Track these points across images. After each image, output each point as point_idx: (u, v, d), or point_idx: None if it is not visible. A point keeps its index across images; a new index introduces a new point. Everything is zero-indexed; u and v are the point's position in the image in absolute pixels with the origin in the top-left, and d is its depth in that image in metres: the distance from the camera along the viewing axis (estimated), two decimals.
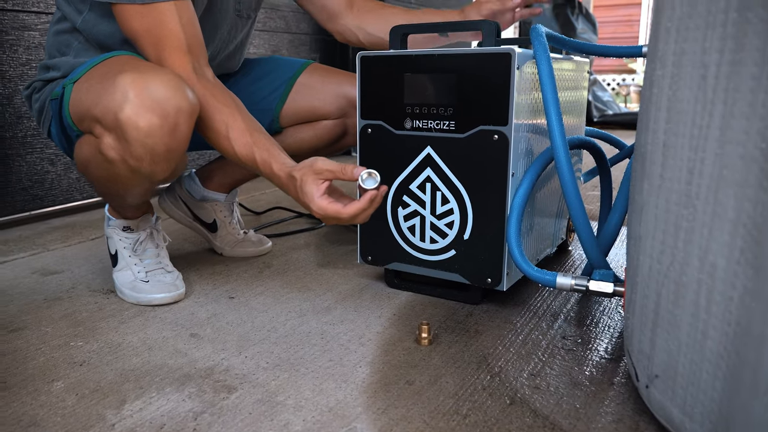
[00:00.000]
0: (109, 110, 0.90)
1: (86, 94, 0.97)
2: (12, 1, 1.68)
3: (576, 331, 1.00)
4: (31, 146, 1.77)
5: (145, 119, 0.89)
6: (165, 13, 0.97)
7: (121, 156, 0.93)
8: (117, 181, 1.01)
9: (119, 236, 1.18)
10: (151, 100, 0.89)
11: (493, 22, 1.01)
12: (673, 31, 0.64)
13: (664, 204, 0.65)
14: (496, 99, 0.97)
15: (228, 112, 0.98)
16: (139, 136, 0.89)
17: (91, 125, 0.96)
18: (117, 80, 0.90)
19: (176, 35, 0.98)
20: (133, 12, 0.97)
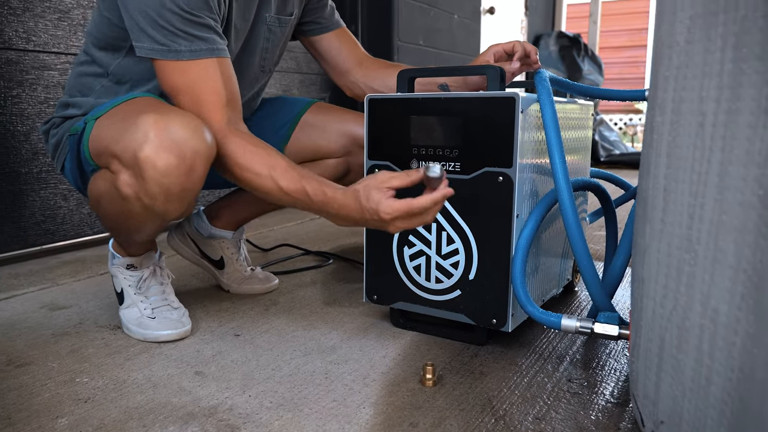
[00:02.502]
0: (128, 148, 0.93)
1: (107, 130, 1.00)
2: (34, 42, 1.74)
3: (582, 374, 0.99)
4: (45, 182, 1.81)
5: (163, 159, 0.91)
6: (207, 69, 1.00)
7: (136, 193, 0.95)
8: (129, 217, 1.03)
9: (123, 274, 1.19)
10: (170, 140, 0.92)
11: (498, 67, 1.04)
12: (671, 79, 0.66)
13: (666, 248, 0.65)
14: (501, 142, 0.99)
15: (266, 154, 0.99)
16: (156, 176, 0.92)
17: (108, 161, 0.99)
18: (139, 119, 0.93)
19: (217, 91, 1.00)
20: (176, 68, 0.98)
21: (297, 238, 2.01)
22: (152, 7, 0.95)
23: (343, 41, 1.38)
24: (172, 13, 0.95)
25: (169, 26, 0.95)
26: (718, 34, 0.58)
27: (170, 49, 0.97)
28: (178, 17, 0.95)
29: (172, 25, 0.95)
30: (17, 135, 1.73)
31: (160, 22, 0.95)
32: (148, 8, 0.95)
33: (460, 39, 3.71)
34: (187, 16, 0.96)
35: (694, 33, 0.61)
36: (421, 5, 3.26)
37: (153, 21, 0.95)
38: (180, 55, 0.97)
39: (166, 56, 0.97)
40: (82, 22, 1.85)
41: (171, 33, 0.96)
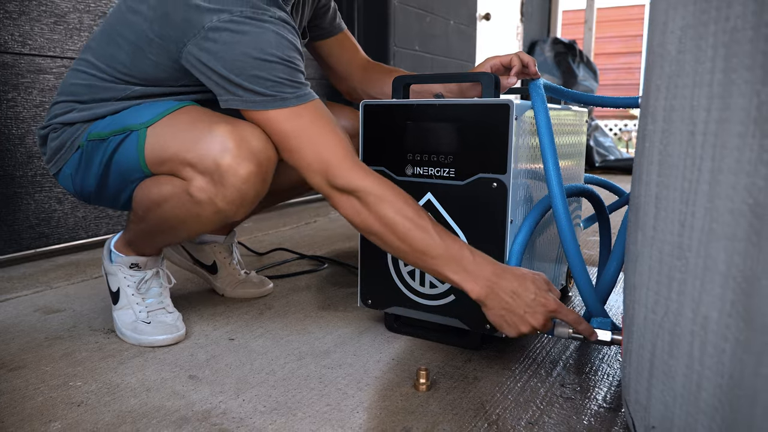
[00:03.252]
0: (206, 156, 0.97)
1: (172, 139, 1.01)
2: (29, 45, 1.74)
3: (575, 379, 0.99)
4: (40, 185, 1.81)
5: (245, 167, 0.98)
6: (317, 111, 0.99)
7: (210, 198, 0.99)
8: (192, 219, 1.04)
9: (125, 273, 1.18)
10: (248, 150, 0.98)
11: (493, 75, 1.05)
12: (663, 88, 0.67)
13: (658, 255, 0.66)
14: (495, 148, 0.99)
15: (416, 205, 0.96)
16: (237, 182, 0.98)
17: (178, 168, 1.01)
18: (213, 129, 0.98)
19: (335, 131, 0.98)
20: (284, 115, 0.97)
21: (292, 242, 2.02)
22: (250, 63, 0.94)
23: (344, 46, 1.38)
24: (275, 64, 0.95)
25: (274, 77, 0.95)
26: (709, 45, 0.59)
27: (275, 99, 0.96)
28: (282, 67, 0.95)
29: (277, 76, 0.95)
30: (12, 138, 1.73)
31: (264, 75, 0.95)
32: (245, 65, 0.94)
33: (455, 45, 3.72)
34: (288, 65, 0.96)
35: (685, 43, 0.62)
36: (417, 11, 3.27)
37: (253, 76, 0.94)
38: (287, 103, 0.97)
39: (270, 106, 0.97)
40: (78, 26, 1.85)
41: (276, 83, 0.95)
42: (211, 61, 0.96)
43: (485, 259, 0.92)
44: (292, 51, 0.98)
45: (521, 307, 0.89)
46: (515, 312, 0.90)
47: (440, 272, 0.92)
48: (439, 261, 0.91)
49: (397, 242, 0.93)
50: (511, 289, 0.90)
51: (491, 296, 0.90)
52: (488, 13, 4.10)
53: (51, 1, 1.77)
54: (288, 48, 0.97)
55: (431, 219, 0.94)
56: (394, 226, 0.93)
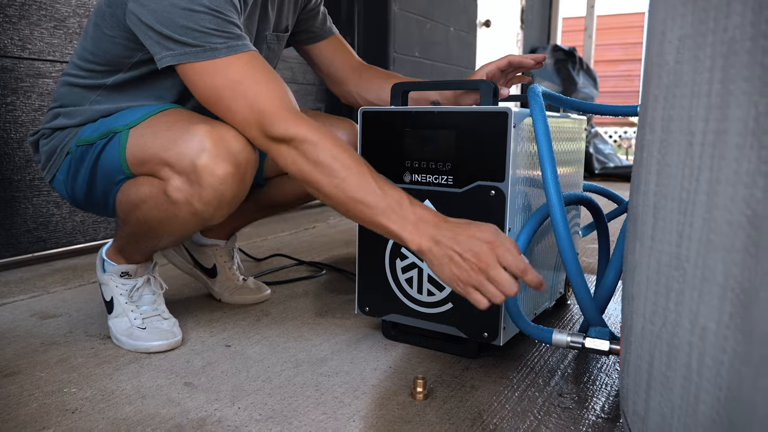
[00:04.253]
0: (184, 156, 0.96)
1: (152, 139, 1.01)
2: (29, 50, 1.74)
3: (573, 389, 0.99)
4: (38, 189, 1.80)
5: (222, 168, 0.96)
6: (252, 62, 0.95)
7: (187, 198, 0.98)
8: (170, 221, 1.03)
9: (116, 282, 1.18)
10: (226, 150, 0.96)
11: (491, 82, 1.05)
12: (661, 98, 0.66)
13: (656, 265, 0.66)
14: (494, 156, 0.99)
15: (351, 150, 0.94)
16: (214, 183, 0.97)
17: (156, 168, 1.00)
18: (192, 129, 0.97)
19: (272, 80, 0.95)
20: (214, 67, 0.94)
21: (290, 248, 2.01)
22: (178, 13, 0.92)
23: (336, 49, 1.38)
24: (202, 14, 0.92)
25: (202, 27, 0.92)
26: (707, 55, 0.59)
27: (204, 49, 0.93)
28: (209, 17, 0.93)
29: (203, 26, 0.92)
30: (10, 142, 1.72)
31: (191, 24, 0.92)
32: (173, 15, 0.92)
33: (455, 51, 3.73)
34: (218, 15, 0.93)
35: (683, 53, 0.62)
36: (417, 17, 3.28)
37: (181, 26, 0.92)
38: (217, 53, 0.93)
39: (200, 57, 0.93)
40: (78, 30, 1.85)
41: (204, 34, 0.92)
42: (145, 15, 0.94)
43: (426, 209, 0.88)
44: (223, 2, 0.94)
45: (462, 251, 0.81)
46: (456, 257, 0.82)
47: (378, 222, 0.87)
48: (377, 210, 0.87)
49: (334, 190, 0.89)
50: (450, 234, 0.83)
51: (432, 246, 0.84)
52: (488, 20, 4.11)
53: (51, 6, 1.78)
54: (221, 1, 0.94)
55: (370, 167, 0.90)
56: (330, 173, 0.89)
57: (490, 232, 0.83)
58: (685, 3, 0.64)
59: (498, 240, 0.82)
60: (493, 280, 0.81)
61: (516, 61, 1.12)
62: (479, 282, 0.81)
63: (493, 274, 0.80)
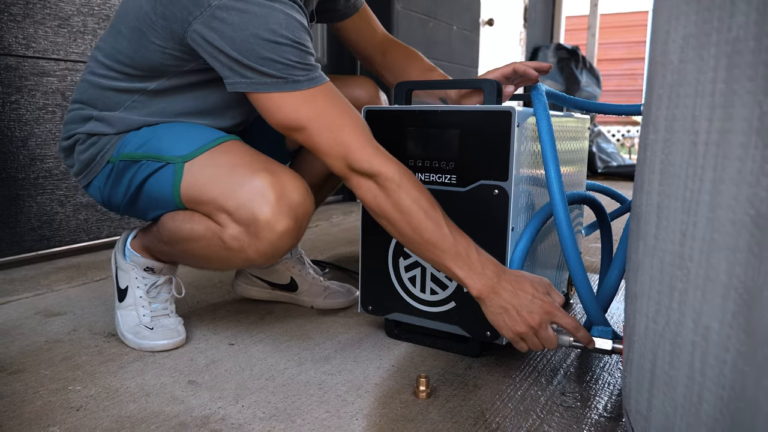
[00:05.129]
0: (244, 207, 0.96)
1: (211, 182, 1.00)
2: (33, 48, 1.74)
3: (575, 388, 0.99)
4: (42, 187, 1.81)
5: (283, 224, 0.96)
6: (331, 94, 0.96)
7: (243, 248, 0.98)
8: (219, 261, 1.04)
9: (137, 274, 1.17)
10: (287, 206, 0.97)
11: (495, 81, 1.05)
12: (665, 97, 0.66)
13: (659, 264, 0.66)
14: (497, 155, 0.99)
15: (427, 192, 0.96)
16: (273, 238, 0.97)
17: (214, 213, 1.00)
18: (254, 179, 0.97)
19: (350, 114, 0.96)
20: (298, 99, 0.94)
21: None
22: (260, 44, 0.91)
23: (360, 27, 1.34)
24: (286, 47, 0.91)
25: (285, 60, 0.92)
26: (711, 55, 0.58)
27: (287, 81, 0.93)
28: (293, 49, 0.92)
29: (287, 58, 0.92)
30: (15, 140, 1.73)
31: (274, 57, 0.91)
32: (254, 45, 0.91)
33: (458, 50, 3.73)
34: (299, 47, 0.93)
35: (687, 53, 0.62)
36: (420, 16, 3.28)
37: (263, 58, 0.91)
38: (299, 85, 0.93)
39: (283, 88, 0.93)
40: (82, 29, 1.86)
41: (287, 66, 0.92)
42: (218, 41, 0.92)
43: (489, 259, 0.93)
44: (302, 32, 0.94)
45: (519, 306, 0.90)
46: (512, 311, 0.90)
47: (446, 266, 0.93)
48: (447, 255, 0.92)
49: (410, 231, 0.93)
50: (510, 288, 0.91)
51: (491, 295, 0.91)
52: (491, 18, 4.11)
53: (55, 4, 1.78)
54: (298, 29, 0.93)
55: (443, 212, 0.94)
56: (408, 214, 0.93)
57: (545, 289, 0.92)
58: (689, 2, 0.64)
59: (552, 301, 0.91)
60: (540, 336, 0.91)
61: (521, 70, 1.12)
62: (528, 336, 0.91)
63: (542, 333, 0.91)
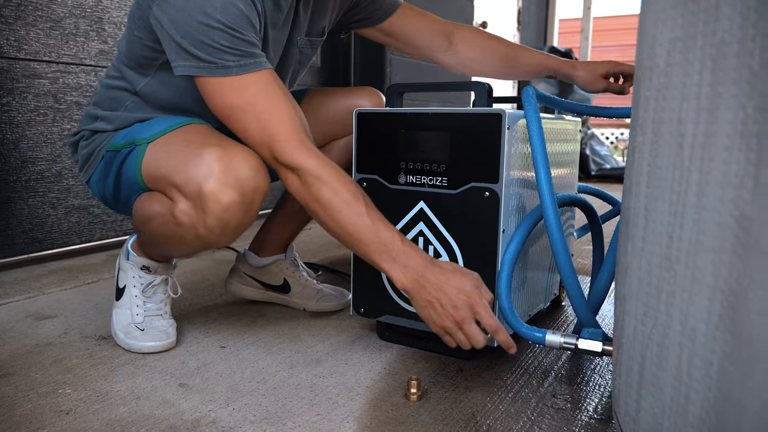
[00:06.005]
0: (192, 180, 0.96)
1: (166, 158, 1.01)
2: (25, 50, 1.74)
3: (566, 390, 0.99)
4: (33, 190, 1.80)
5: (227, 195, 0.95)
6: (266, 83, 0.95)
7: (193, 223, 0.98)
8: (177, 240, 1.04)
9: (135, 273, 1.18)
10: (234, 177, 0.95)
11: (485, 84, 1.05)
12: (651, 100, 0.67)
13: (647, 266, 0.66)
14: (488, 157, 1.00)
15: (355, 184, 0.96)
16: (218, 210, 0.96)
17: (166, 188, 1.00)
18: (203, 153, 0.96)
19: (283, 105, 0.95)
20: (228, 85, 0.94)
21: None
22: (195, 26, 0.92)
23: (413, 18, 1.32)
24: (216, 30, 0.92)
25: (215, 43, 0.92)
26: (696, 58, 0.59)
27: (217, 66, 0.93)
28: (224, 34, 0.92)
29: (217, 42, 0.92)
30: (6, 143, 1.72)
31: (205, 40, 0.92)
32: (190, 28, 0.92)
33: None
34: (232, 33, 0.93)
35: (673, 56, 0.63)
36: None
37: (197, 40, 0.92)
38: (229, 71, 0.93)
39: (214, 73, 0.94)
40: (74, 31, 1.86)
41: (217, 50, 0.92)
42: (166, 22, 0.94)
43: (416, 251, 0.92)
44: (239, 19, 0.93)
45: (443, 300, 0.89)
46: (437, 305, 0.90)
47: (371, 258, 0.93)
48: (371, 248, 0.92)
49: (333, 224, 0.94)
50: (435, 282, 0.90)
51: (417, 287, 0.91)
52: (485, 21, 4.12)
53: (47, 6, 1.78)
54: (234, 15, 0.93)
55: (369, 205, 0.94)
56: (329, 207, 0.93)
57: (473, 285, 0.90)
58: (675, 6, 0.64)
59: (478, 298, 0.89)
60: (465, 332, 0.90)
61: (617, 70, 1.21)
62: (453, 330, 0.90)
63: (466, 328, 0.89)
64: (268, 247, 1.40)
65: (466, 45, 1.34)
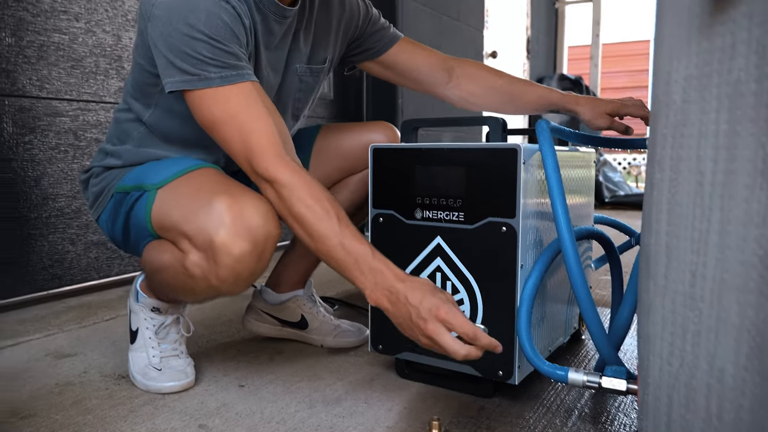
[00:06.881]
0: (202, 231, 0.95)
1: (176, 207, 1.01)
2: (47, 89, 1.79)
3: (591, 429, 0.97)
4: (54, 226, 1.83)
5: (239, 246, 0.94)
6: (247, 95, 0.96)
7: (204, 274, 0.97)
8: (188, 290, 1.04)
9: (146, 315, 1.18)
10: (245, 227, 0.94)
11: (500, 118, 1.06)
12: (669, 137, 0.67)
13: (671, 305, 0.65)
14: (504, 192, 1.00)
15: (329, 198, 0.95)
16: (230, 262, 0.94)
17: (177, 239, 1.00)
18: (213, 202, 0.95)
19: (262, 117, 0.95)
20: (211, 97, 0.95)
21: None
22: (179, 39, 0.93)
23: (413, 51, 1.33)
24: (200, 42, 0.93)
25: (198, 55, 0.93)
26: (713, 96, 0.59)
27: (200, 78, 0.94)
28: (206, 45, 0.93)
29: (200, 53, 0.93)
30: (28, 180, 1.76)
31: (189, 51, 0.93)
32: (175, 40, 0.94)
33: None
34: (215, 44, 0.94)
35: (689, 93, 0.63)
36: None
37: (181, 52, 0.94)
38: (211, 83, 0.94)
39: (197, 85, 0.95)
40: (94, 69, 1.90)
41: (200, 62, 0.93)
42: (156, 38, 0.96)
43: (387, 266, 0.90)
44: (222, 30, 0.94)
45: (413, 314, 0.85)
46: (408, 321, 0.87)
47: (344, 274, 0.92)
48: (343, 264, 0.91)
49: (307, 238, 0.93)
50: (404, 296, 0.87)
51: (389, 303, 0.88)
52: (495, 51, 4.17)
53: (68, 47, 1.83)
54: (218, 27, 0.94)
55: (340, 218, 0.92)
56: (302, 221, 0.92)
57: (438, 299, 0.85)
58: (689, 44, 0.65)
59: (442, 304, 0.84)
60: (440, 345, 0.85)
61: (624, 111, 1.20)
62: (430, 346, 0.87)
63: (440, 340, 0.84)
64: (285, 284, 1.40)
65: (466, 79, 1.34)
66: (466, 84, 1.34)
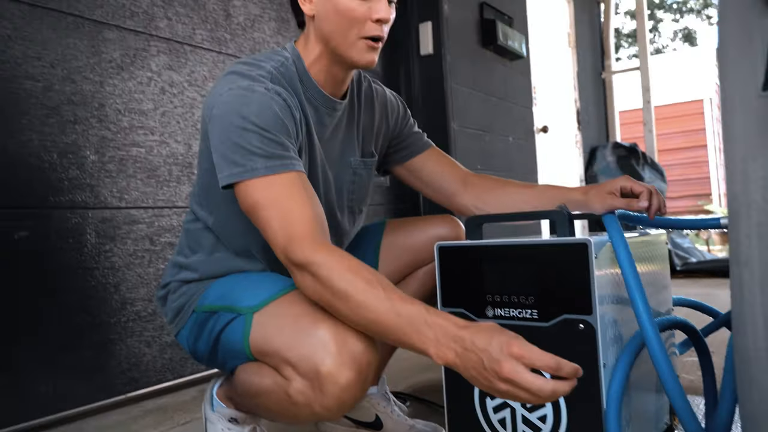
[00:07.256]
0: (307, 360, 0.94)
1: (277, 333, 1.00)
2: (125, 200, 1.91)
3: None
4: (131, 330, 1.90)
5: (345, 376, 0.93)
6: (290, 183, 0.98)
7: (309, 402, 0.96)
8: (289, 416, 1.03)
9: (223, 426, 1.17)
10: (350, 356, 0.93)
11: (565, 212, 1.05)
12: (753, 237, 0.65)
13: None
14: (577, 289, 0.98)
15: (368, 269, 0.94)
16: (336, 391, 0.93)
17: (279, 365, 0.99)
18: (317, 330, 0.95)
19: (303, 203, 0.97)
20: (255, 186, 0.97)
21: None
22: (233, 131, 0.97)
23: (441, 161, 1.37)
24: (251, 132, 0.97)
25: (248, 145, 0.96)
26: None
27: (246, 169, 0.97)
28: (257, 135, 0.97)
29: (250, 143, 0.96)
30: (108, 287, 1.85)
31: (240, 142, 0.97)
32: (229, 134, 0.98)
33: (516, 158, 3.80)
34: (265, 134, 0.97)
35: None
36: (475, 131, 3.40)
37: (233, 144, 0.97)
38: (256, 173, 0.97)
39: (243, 176, 0.97)
40: (167, 177, 2.03)
41: (249, 152, 0.96)
42: (214, 134, 1.00)
43: (445, 318, 0.85)
44: (272, 121, 0.98)
45: (484, 358, 0.79)
46: (481, 370, 0.79)
47: (402, 342, 0.87)
48: (398, 332, 0.86)
49: (352, 315, 0.90)
50: (471, 343, 0.81)
51: (456, 357, 0.82)
52: (546, 126, 4.20)
53: (144, 158, 1.97)
54: (269, 117, 0.97)
55: (385, 286, 0.89)
56: (346, 298, 0.89)
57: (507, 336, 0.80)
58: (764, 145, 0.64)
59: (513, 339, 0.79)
60: (523, 387, 0.77)
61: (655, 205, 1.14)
62: (511, 391, 0.78)
63: (521, 380, 0.76)
64: None
65: (479, 189, 1.35)
66: (477, 192, 1.35)
